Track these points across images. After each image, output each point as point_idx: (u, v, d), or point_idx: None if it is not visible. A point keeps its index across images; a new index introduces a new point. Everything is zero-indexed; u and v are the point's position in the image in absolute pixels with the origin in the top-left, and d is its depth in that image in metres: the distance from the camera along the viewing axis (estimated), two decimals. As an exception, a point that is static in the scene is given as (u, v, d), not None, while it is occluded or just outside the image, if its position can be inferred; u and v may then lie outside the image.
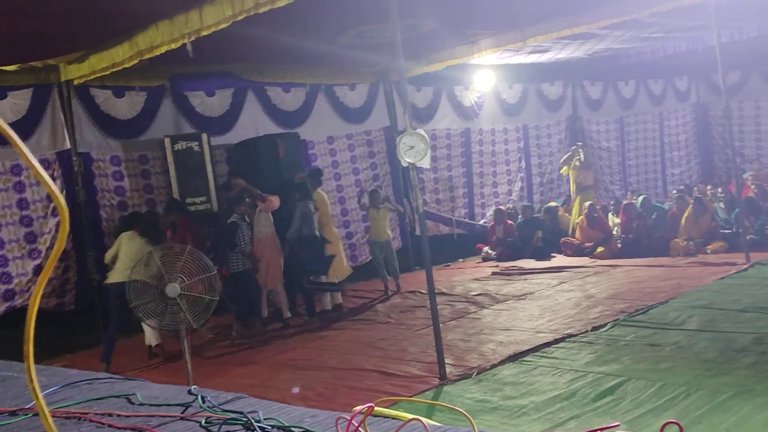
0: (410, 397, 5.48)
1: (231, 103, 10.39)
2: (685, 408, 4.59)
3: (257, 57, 9.86)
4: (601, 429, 2.64)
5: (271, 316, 8.98)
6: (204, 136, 9.39)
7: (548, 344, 6.54)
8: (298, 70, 10.77)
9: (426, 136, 5.95)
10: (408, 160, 5.89)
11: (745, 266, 9.13)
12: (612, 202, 12.99)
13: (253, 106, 10.59)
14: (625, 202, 12.59)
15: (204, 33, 6.34)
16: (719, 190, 12.61)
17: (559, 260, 11.79)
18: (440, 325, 6.31)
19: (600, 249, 11.61)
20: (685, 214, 11.08)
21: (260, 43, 8.54)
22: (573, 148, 13.61)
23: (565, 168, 13.58)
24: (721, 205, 11.87)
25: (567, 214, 13.19)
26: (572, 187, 13.48)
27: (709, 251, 10.56)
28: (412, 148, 5.87)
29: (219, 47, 8.08)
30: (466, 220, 13.44)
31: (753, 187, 12.15)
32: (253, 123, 10.51)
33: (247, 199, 8.59)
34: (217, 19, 6.11)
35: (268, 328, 8.69)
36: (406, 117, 6.33)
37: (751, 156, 16.24)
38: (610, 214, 12.59)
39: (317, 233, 8.90)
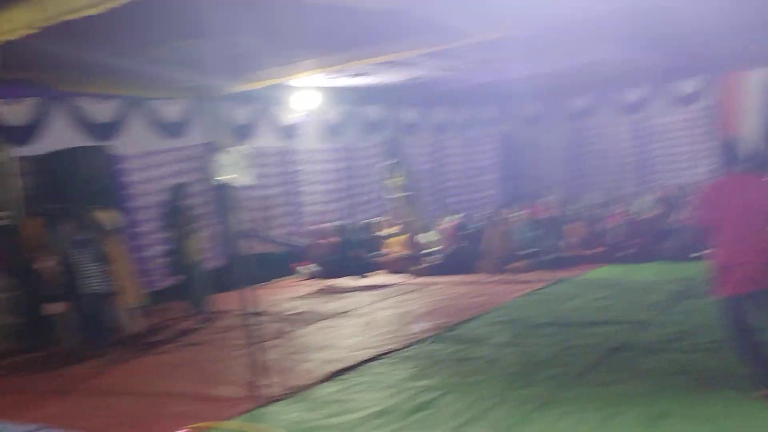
0: (225, 420, 5.29)
1: (37, 113, 9.59)
2: (497, 419, 4.80)
3: (68, 66, 9.20)
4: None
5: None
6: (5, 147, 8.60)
7: (367, 361, 6.61)
8: (112, 81, 10.16)
9: (245, 153, 5.83)
10: (225, 177, 5.74)
11: (546, 283, 9.81)
12: (429, 221, 13.49)
13: (62, 117, 9.84)
14: (447, 220, 13.13)
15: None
16: (523, 212, 13.48)
17: (379, 278, 12.03)
18: (259, 344, 6.17)
19: (417, 266, 11.98)
20: (492, 235, 11.74)
21: (70, 53, 7.99)
22: (393, 162, 13.94)
23: (388, 181, 13.91)
24: (528, 226, 12.70)
25: (388, 232, 13.48)
26: (394, 204, 13.82)
27: (514, 269, 11.24)
28: (230, 165, 5.74)
29: (25, 55, 7.47)
30: (288, 238, 13.36)
31: (552, 210, 13.14)
32: (62, 134, 9.75)
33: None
34: (13, 27, 5.63)
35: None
36: (223, 133, 6.18)
37: (551, 181, 17.59)
38: (428, 233, 13.05)
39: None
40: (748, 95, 15.61)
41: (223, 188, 8.55)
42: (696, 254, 10.45)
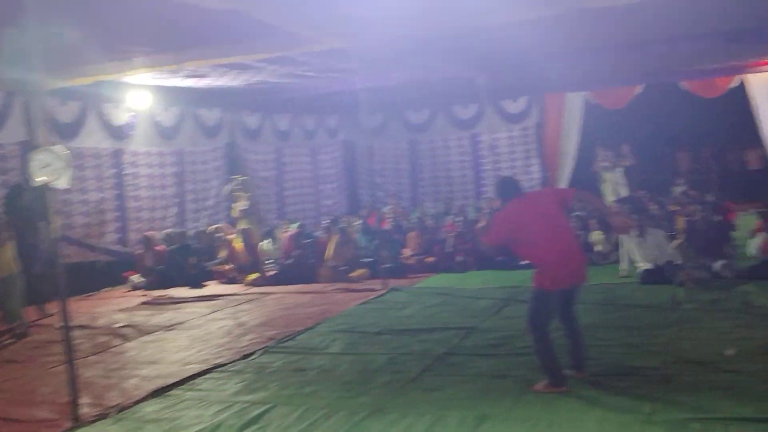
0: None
1: None
2: (327, 430, 4.78)
3: None
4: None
5: None
6: None
7: (196, 376, 6.35)
8: None
9: (64, 153, 5.41)
10: (41, 178, 5.30)
11: (382, 292, 9.95)
12: (268, 230, 13.30)
13: None
14: (290, 230, 12.97)
15: None
16: (360, 221, 13.66)
17: (212, 288, 11.67)
18: (78, 361, 5.76)
19: (254, 276, 11.75)
20: (331, 244, 11.77)
21: None
22: (235, 178, 13.66)
23: (227, 188, 13.59)
24: (367, 235, 12.86)
25: (226, 239, 13.14)
26: (234, 212, 13.50)
27: (352, 278, 11.33)
28: (47, 165, 5.30)
29: None
30: (117, 246, 12.65)
31: (390, 220, 13.40)
32: None
33: None
34: None
35: None
36: (42, 131, 5.72)
37: (391, 191, 17.99)
38: (265, 242, 12.86)
39: None
40: (569, 115, 16.84)
41: (40, 191, 7.95)
42: (524, 262, 11.11)
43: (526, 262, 5.86)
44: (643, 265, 9.23)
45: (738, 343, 6.04)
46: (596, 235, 11.09)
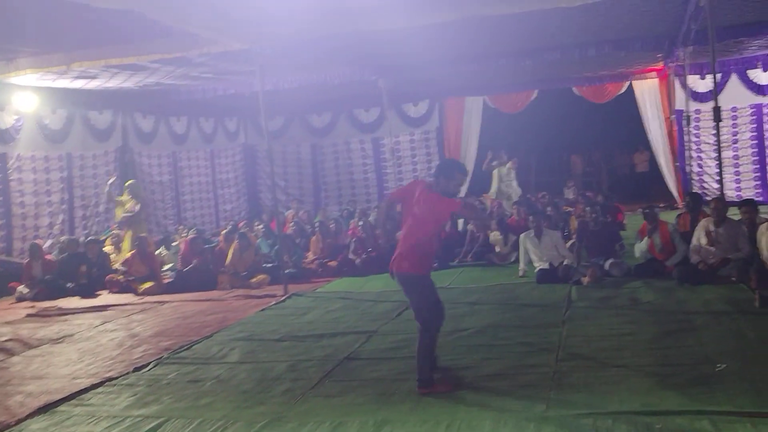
0: None
1: None
2: (220, 442, 4.64)
3: None
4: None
5: None
6: None
7: (85, 390, 6.04)
8: None
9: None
10: None
11: (283, 297, 9.80)
12: (165, 236, 12.88)
13: None
14: (183, 235, 12.59)
15: None
16: (261, 226, 13.45)
17: (104, 298, 11.17)
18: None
19: (148, 285, 11.33)
20: (231, 249, 11.52)
21: None
22: (112, 179, 13.15)
23: (117, 208, 13.05)
24: (268, 240, 12.67)
25: (114, 248, 12.65)
26: (117, 216, 12.99)
27: (253, 284, 11.11)
28: None
29: None
30: (1, 255, 11.95)
31: (292, 224, 13.26)
32: None
33: None
34: None
35: None
36: None
37: (294, 195, 17.86)
38: (160, 249, 12.45)
39: None
40: (469, 119, 17.24)
41: None
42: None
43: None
44: (540, 265, 9.50)
45: (626, 338, 6.29)
46: (495, 236, 11.35)
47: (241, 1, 7.69)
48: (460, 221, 12.33)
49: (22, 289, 11.42)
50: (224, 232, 12.83)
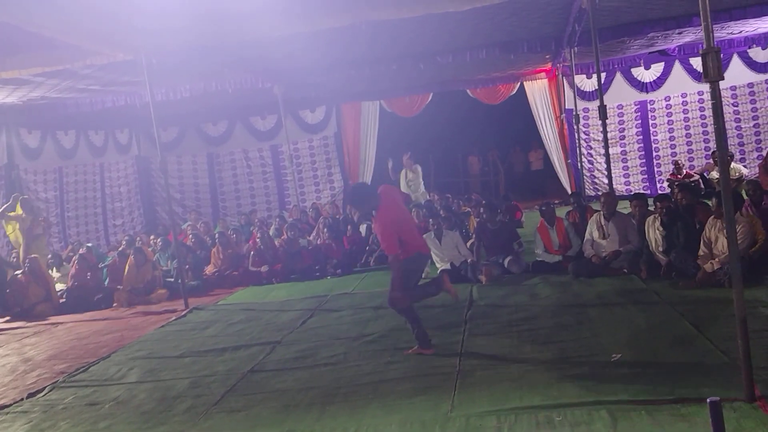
0: None
1: None
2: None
3: None
4: None
5: None
6: None
7: (-27, 422, 5.71)
8: None
9: None
10: None
11: (184, 312, 9.55)
12: (51, 258, 12.22)
13: None
14: (80, 252, 12.02)
15: None
16: (159, 239, 13.06)
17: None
18: None
19: (41, 306, 10.79)
20: (128, 265, 11.13)
21: None
22: (14, 197, 12.49)
23: (7, 225, 12.37)
24: (166, 253, 12.31)
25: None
26: (15, 238, 12.32)
27: (152, 300, 10.78)
28: None
29: None
30: None
31: (191, 236, 12.94)
32: None
33: None
34: None
35: None
36: None
37: (191, 206, 17.42)
38: (51, 269, 11.87)
39: None
40: (366, 124, 17.35)
41: None
42: (318, 274, 11.19)
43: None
44: (442, 266, 9.65)
45: (525, 334, 6.49)
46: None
47: (125, 10, 7.44)
48: (363, 226, 12.38)
49: None
50: (120, 248, 12.37)
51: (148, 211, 18.22)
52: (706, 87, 13.70)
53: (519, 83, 17.03)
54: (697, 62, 15.51)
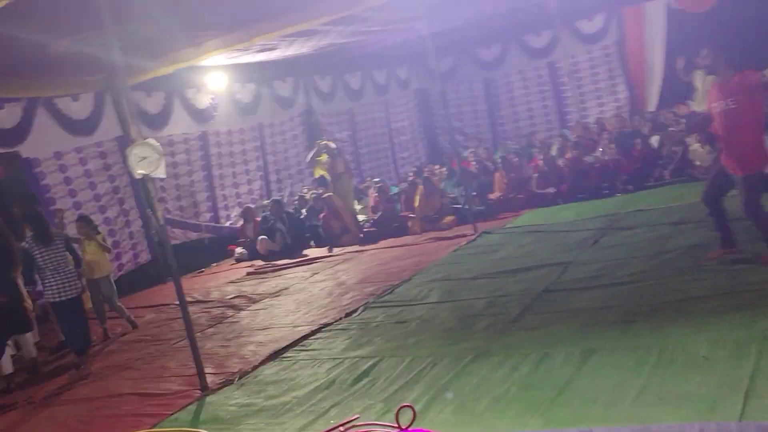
0: (171, 414, 5.31)
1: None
2: (434, 377, 4.90)
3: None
4: (341, 424, 2.72)
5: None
6: None
7: (306, 337, 6.64)
8: (9, 84, 9.68)
9: (157, 144, 5.67)
10: (141, 171, 5.59)
11: (474, 236, 9.96)
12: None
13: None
14: (370, 187, 13.04)
15: None
16: (444, 168, 13.59)
17: (310, 252, 11.94)
18: (197, 334, 6.14)
19: (345, 238, 11.88)
20: (418, 195, 11.83)
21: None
22: (319, 143, 13.71)
23: (316, 168, 13.71)
24: (452, 181, 12.85)
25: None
26: (316, 173, 13.69)
27: (442, 226, 11.35)
28: (144, 158, 5.57)
29: None
30: (213, 223, 13.19)
31: (474, 163, 13.31)
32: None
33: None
34: None
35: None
36: (133, 126, 6.02)
37: (471, 134, 17.82)
38: (356, 202, 13.03)
39: None
40: (651, 27, 15.88)
41: (140, 182, 8.36)
42: (607, 191, 10.85)
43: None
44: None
45: None
46: (695, 149, 10.58)
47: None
48: (654, 137, 11.67)
49: (239, 250, 12.55)
50: (410, 179, 13.15)
51: (431, 143, 18.98)
52: None
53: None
54: None
